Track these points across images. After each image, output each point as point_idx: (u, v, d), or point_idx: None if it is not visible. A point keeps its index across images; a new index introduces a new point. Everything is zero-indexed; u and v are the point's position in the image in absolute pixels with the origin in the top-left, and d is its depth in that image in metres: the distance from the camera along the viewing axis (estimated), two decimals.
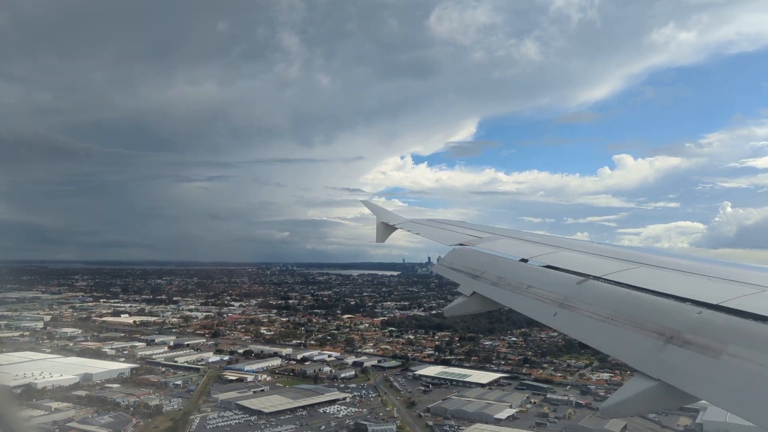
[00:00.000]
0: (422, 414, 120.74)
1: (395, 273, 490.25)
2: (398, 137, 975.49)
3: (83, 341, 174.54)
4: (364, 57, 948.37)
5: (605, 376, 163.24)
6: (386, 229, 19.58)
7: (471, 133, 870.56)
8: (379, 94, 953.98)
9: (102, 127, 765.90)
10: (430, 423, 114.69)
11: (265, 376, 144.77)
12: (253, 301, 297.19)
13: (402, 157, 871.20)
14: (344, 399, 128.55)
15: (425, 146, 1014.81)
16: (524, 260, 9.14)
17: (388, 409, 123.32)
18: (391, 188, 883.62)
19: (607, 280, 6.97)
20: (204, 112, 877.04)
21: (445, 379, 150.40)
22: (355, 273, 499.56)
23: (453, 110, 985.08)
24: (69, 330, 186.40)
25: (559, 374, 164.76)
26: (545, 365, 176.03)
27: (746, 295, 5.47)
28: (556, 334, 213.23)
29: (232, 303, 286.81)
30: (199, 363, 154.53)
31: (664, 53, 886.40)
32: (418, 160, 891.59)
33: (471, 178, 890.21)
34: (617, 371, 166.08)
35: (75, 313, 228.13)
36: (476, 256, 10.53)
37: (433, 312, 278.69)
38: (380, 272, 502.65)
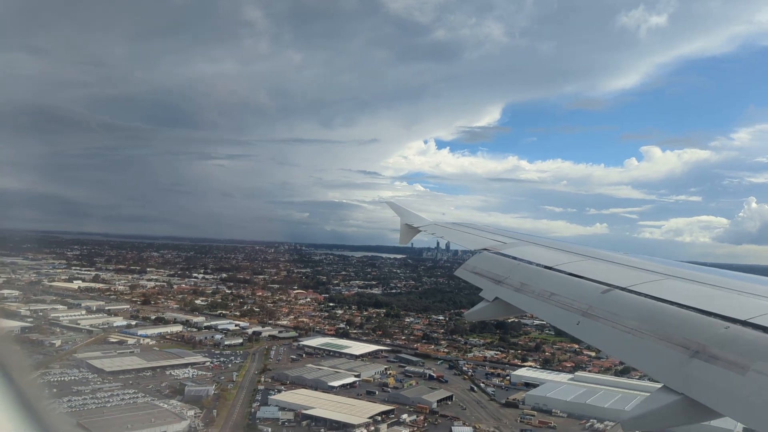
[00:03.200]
0: (264, 379, 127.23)
1: (400, 256, 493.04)
2: (420, 121, 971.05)
3: (10, 302, 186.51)
4: (384, 39, 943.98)
5: (491, 353, 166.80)
6: (410, 230, 19.64)
7: (495, 119, 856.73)
8: (400, 77, 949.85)
9: (124, 101, 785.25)
10: (261, 387, 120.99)
11: (149, 340, 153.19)
12: (224, 275, 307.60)
13: (425, 142, 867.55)
14: (204, 363, 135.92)
15: (448, 131, 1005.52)
16: (549, 267, 9.07)
17: (236, 373, 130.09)
18: (413, 173, 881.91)
19: (633, 291, 6.89)
20: (224, 90, 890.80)
21: (323, 349, 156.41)
22: (357, 254, 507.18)
23: (477, 95, 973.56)
24: (6, 291, 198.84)
25: (447, 350, 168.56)
26: (443, 341, 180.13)
27: None
28: None
29: (195, 275, 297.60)
30: (101, 326, 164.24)
31: (694, 42, 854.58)
32: (441, 145, 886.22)
33: (493, 165, 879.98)
34: (510, 351, 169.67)
35: (32, 278, 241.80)
36: (500, 262, 10.55)
37: (395, 291, 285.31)
38: (385, 255, 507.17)
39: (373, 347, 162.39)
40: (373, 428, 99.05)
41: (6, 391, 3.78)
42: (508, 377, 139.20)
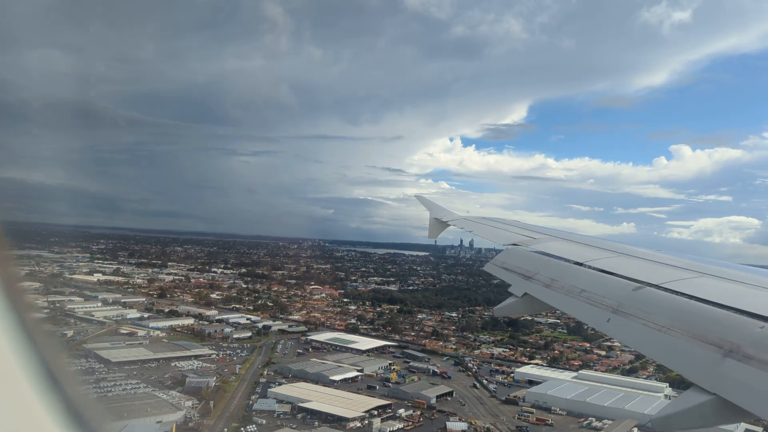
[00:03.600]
0: (266, 372, 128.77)
1: (423, 253, 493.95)
2: (446, 119, 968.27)
3: (30, 294, 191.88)
4: (410, 36, 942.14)
5: (499, 350, 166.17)
6: (439, 225, 19.73)
7: (522, 117, 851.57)
8: (426, 74, 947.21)
9: (152, 97, 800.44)
10: (263, 380, 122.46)
11: (159, 332, 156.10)
12: (243, 270, 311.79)
13: (451, 139, 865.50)
14: (210, 356, 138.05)
15: (474, 129, 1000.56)
16: (579, 263, 9.02)
17: (239, 366, 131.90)
18: (438, 170, 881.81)
19: (665, 288, 6.79)
20: (249, 87, 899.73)
21: (330, 344, 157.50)
22: (380, 251, 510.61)
23: (503, 93, 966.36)
24: (28, 283, 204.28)
25: (455, 347, 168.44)
26: (453, 338, 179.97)
27: None
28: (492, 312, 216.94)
29: (215, 270, 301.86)
30: (114, 318, 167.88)
31: (726, 39, 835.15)
32: (466, 142, 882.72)
33: (519, 163, 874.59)
34: (519, 348, 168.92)
35: (54, 270, 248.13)
36: (529, 257, 10.53)
37: (411, 288, 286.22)
38: (407, 252, 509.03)
39: (379, 342, 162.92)
40: (366, 422, 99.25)
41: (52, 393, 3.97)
42: (511, 375, 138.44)
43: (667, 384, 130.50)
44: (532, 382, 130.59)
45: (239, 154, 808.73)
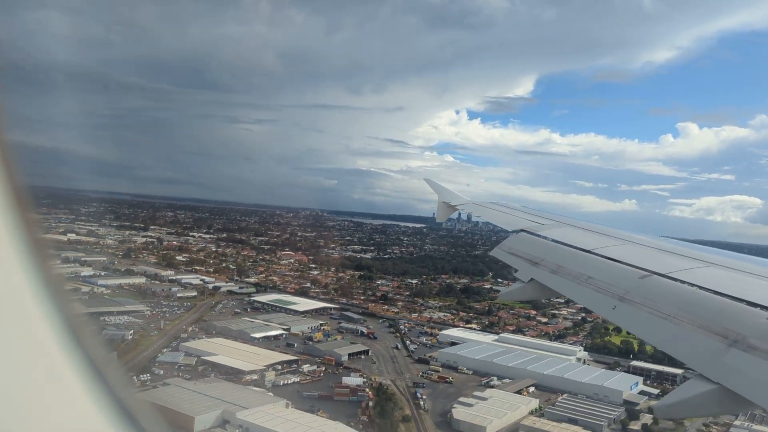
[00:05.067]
0: (191, 329, 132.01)
1: (420, 225, 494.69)
2: (451, 91, 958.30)
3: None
4: (415, 5, 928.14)
5: (440, 315, 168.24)
6: (448, 208, 19.95)
7: (528, 91, 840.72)
8: (430, 45, 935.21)
9: (151, 62, 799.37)
10: (185, 336, 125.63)
11: (103, 290, 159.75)
12: (224, 234, 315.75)
13: (457, 112, 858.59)
14: (142, 312, 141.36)
15: (480, 102, 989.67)
16: (586, 250, 9.03)
17: (166, 322, 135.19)
18: (443, 143, 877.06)
19: (672, 277, 6.84)
20: (252, 54, 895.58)
21: (270, 305, 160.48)
22: (377, 222, 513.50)
23: (509, 66, 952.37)
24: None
25: (398, 311, 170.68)
26: (401, 303, 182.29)
27: None
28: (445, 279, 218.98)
29: (193, 234, 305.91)
30: (67, 275, 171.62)
31: (736, 16, 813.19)
32: (472, 115, 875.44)
33: (524, 138, 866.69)
34: (461, 313, 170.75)
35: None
36: (537, 243, 10.60)
37: (387, 257, 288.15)
38: (404, 224, 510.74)
39: (321, 305, 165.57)
40: (257, 376, 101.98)
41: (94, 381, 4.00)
42: (437, 336, 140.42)
43: (582, 348, 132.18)
44: (454, 344, 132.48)
45: (241, 121, 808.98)
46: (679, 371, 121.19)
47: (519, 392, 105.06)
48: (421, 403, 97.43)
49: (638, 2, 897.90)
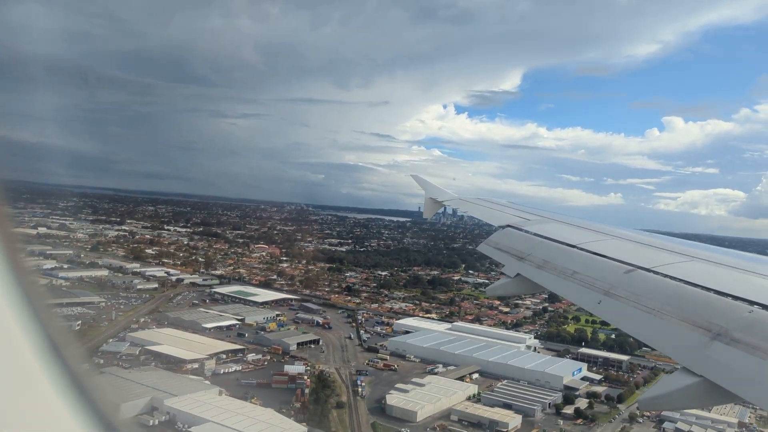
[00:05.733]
0: (143, 320, 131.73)
1: (405, 219, 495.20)
2: (438, 85, 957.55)
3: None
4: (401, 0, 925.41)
5: (402, 305, 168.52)
6: (435, 204, 20.05)
7: (515, 85, 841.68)
8: (416, 38, 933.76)
9: (135, 56, 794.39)
10: (135, 326, 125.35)
11: (62, 282, 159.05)
12: (201, 228, 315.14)
13: (444, 107, 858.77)
14: (97, 304, 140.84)
15: (467, 96, 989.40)
16: (571, 245, 9.09)
17: (118, 313, 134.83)
18: (430, 137, 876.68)
19: (656, 272, 6.90)
20: (237, 48, 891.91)
21: (231, 296, 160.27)
22: (361, 216, 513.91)
23: (496, 60, 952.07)
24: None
25: (360, 302, 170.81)
26: (365, 294, 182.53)
27: None
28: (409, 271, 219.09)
29: (168, 228, 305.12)
30: None
31: (720, 10, 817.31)
32: (459, 110, 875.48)
33: (511, 132, 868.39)
34: (424, 303, 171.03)
35: None
36: (523, 238, 10.63)
37: (362, 249, 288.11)
38: (389, 218, 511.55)
39: (281, 296, 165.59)
40: (198, 364, 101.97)
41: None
42: (391, 326, 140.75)
43: (532, 335, 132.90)
44: (408, 333, 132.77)
45: (227, 116, 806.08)
46: (625, 357, 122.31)
47: (462, 378, 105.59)
48: (360, 390, 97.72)
49: None
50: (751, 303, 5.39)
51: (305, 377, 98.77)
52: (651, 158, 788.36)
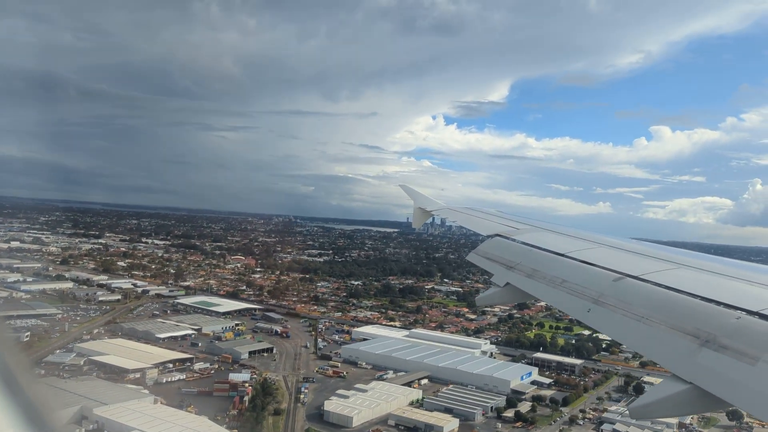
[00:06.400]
0: (97, 331, 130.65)
1: (392, 230, 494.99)
2: (427, 96, 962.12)
3: None
4: (386, 11, 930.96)
5: (367, 314, 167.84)
6: (424, 214, 19.82)
7: (503, 96, 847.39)
8: (404, 50, 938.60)
9: (121, 70, 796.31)
10: (87, 338, 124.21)
11: (23, 294, 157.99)
12: (179, 241, 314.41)
13: (434, 117, 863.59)
14: (54, 316, 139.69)
15: (455, 107, 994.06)
16: (560, 254, 9.10)
17: (72, 325, 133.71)
18: (420, 148, 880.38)
19: (645, 279, 6.91)
20: (224, 61, 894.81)
21: (194, 307, 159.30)
22: (349, 228, 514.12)
23: (484, 71, 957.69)
24: None
25: (325, 311, 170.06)
26: (332, 303, 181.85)
27: None
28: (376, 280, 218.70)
29: (146, 240, 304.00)
30: None
31: (705, 20, 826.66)
32: (448, 121, 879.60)
33: (500, 142, 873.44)
34: (390, 311, 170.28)
35: None
36: (512, 248, 10.60)
37: (340, 260, 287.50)
38: (377, 228, 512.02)
39: (245, 305, 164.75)
40: (140, 374, 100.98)
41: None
42: (350, 333, 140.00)
43: (488, 341, 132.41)
44: (365, 340, 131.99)
45: (216, 129, 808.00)
46: (578, 362, 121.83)
47: (409, 384, 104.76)
48: (302, 397, 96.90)
49: (609, 8, 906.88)
50: (739, 309, 5.38)
51: (247, 385, 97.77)
52: (639, 167, 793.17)
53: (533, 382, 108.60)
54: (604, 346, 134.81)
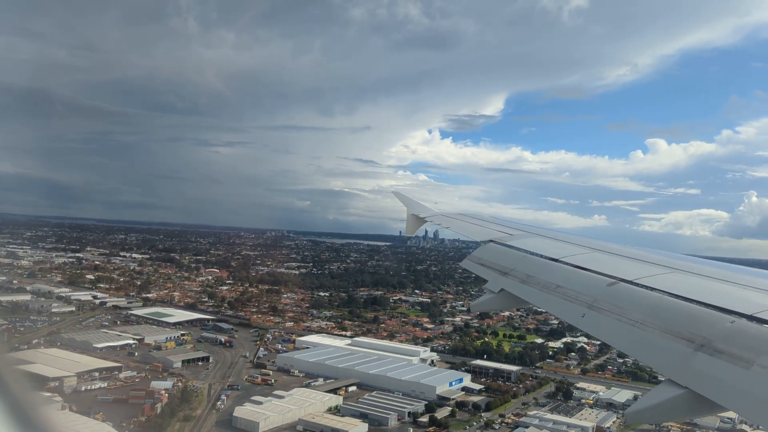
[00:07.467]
0: (36, 341, 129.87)
1: (385, 243, 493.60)
2: (421, 110, 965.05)
3: None
4: (379, 26, 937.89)
5: (322, 324, 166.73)
6: (417, 221, 19.50)
7: (498, 109, 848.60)
8: (399, 65, 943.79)
9: (116, 86, 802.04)
10: (25, 347, 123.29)
11: None
12: (155, 255, 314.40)
13: (429, 131, 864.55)
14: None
15: (450, 121, 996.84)
16: (554, 259, 9.02)
17: (17, 335, 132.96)
18: (416, 162, 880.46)
19: (639, 284, 6.88)
20: (220, 77, 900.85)
21: (145, 317, 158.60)
22: (341, 241, 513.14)
23: (478, 85, 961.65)
24: None
25: (281, 320, 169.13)
26: (291, 313, 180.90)
27: None
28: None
29: (124, 255, 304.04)
30: None
31: (699, 32, 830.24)
32: (444, 135, 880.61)
33: (496, 156, 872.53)
34: (346, 321, 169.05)
35: None
36: (506, 253, 10.53)
37: (318, 272, 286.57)
38: (369, 242, 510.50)
39: (197, 316, 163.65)
40: (59, 382, 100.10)
41: None
42: (294, 342, 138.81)
43: (428, 349, 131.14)
44: (307, 348, 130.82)
45: (211, 144, 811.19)
46: (515, 368, 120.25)
47: (335, 391, 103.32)
48: (219, 404, 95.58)
49: (603, 23, 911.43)
50: (733, 313, 5.31)
51: (163, 392, 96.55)
52: (634, 180, 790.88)
53: (463, 389, 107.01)
54: (550, 353, 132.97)
